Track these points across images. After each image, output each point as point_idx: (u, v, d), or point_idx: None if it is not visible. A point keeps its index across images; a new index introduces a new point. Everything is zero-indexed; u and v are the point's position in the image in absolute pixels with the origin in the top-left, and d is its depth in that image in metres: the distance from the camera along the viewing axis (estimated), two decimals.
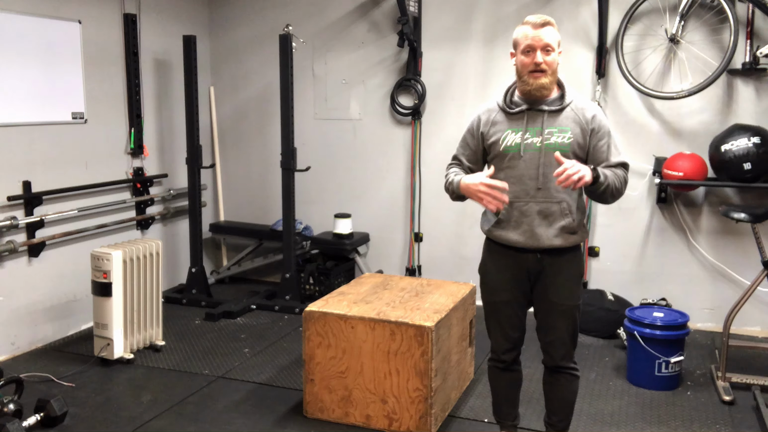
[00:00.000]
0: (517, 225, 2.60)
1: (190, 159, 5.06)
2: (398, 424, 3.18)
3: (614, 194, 2.57)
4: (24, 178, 4.12)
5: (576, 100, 2.60)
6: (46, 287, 4.31)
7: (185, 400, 3.53)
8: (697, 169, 4.32)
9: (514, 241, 2.61)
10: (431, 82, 5.12)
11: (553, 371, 2.78)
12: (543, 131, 2.54)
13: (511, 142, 2.58)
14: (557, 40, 2.53)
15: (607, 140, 2.59)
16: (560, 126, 2.55)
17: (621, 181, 2.57)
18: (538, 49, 2.48)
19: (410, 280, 3.87)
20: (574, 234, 2.60)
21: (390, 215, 5.38)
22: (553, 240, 2.57)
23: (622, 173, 2.59)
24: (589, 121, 2.57)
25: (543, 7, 4.76)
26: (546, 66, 2.49)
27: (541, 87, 2.52)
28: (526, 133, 2.56)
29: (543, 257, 2.61)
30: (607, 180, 2.51)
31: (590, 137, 2.57)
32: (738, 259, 4.52)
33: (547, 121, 2.55)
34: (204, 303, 5.06)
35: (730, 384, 3.64)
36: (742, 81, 4.45)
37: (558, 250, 2.60)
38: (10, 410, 3.09)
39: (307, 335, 3.29)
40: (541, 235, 2.57)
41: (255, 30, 5.58)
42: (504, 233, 2.63)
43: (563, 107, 2.57)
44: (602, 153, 2.57)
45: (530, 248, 2.59)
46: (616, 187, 2.55)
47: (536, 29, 2.49)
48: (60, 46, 4.34)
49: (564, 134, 2.55)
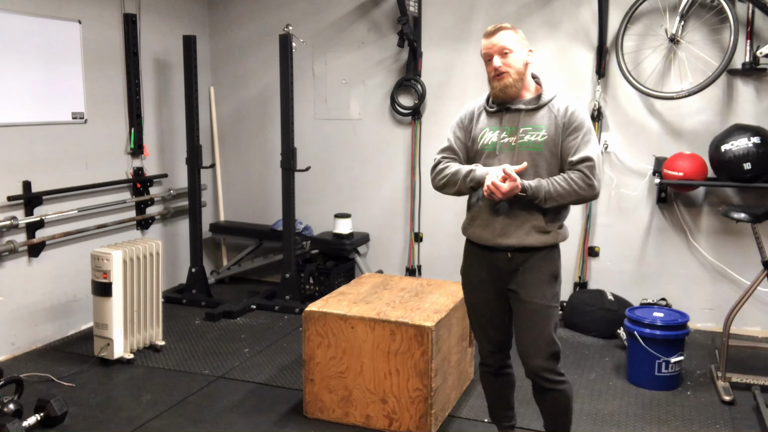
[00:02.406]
0: (488, 223, 2.60)
1: (190, 159, 5.06)
2: (398, 424, 3.18)
3: (560, 198, 2.49)
4: (24, 178, 4.12)
5: (556, 99, 2.57)
6: (46, 287, 4.31)
7: (185, 400, 3.53)
8: (697, 169, 4.32)
9: (485, 239, 2.61)
10: (431, 82, 5.12)
11: (538, 389, 2.65)
12: (518, 130, 2.55)
13: (488, 140, 2.60)
14: (516, 42, 2.53)
15: (579, 135, 2.51)
16: (535, 124, 2.55)
17: (573, 183, 2.48)
18: (495, 54, 2.52)
19: (410, 280, 3.87)
20: (546, 234, 2.56)
21: (390, 215, 5.38)
22: (524, 239, 2.55)
23: (578, 174, 2.47)
24: (563, 115, 2.53)
25: (543, 7, 4.76)
26: (506, 68, 2.51)
27: (504, 87, 2.54)
28: (502, 132, 2.58)
29: (514, 255, 2.58)
30: (541, 193, 2.46)
31: (562, 133, 2.53)
32: (738, 259, 4.52)
33: (522, 120, 2.56)
34: (204, 303, 5.06)
35: (730, 384, 3.64)
36: (742, 81, 4.45)
37: (529, 249, 2.57)
38: (10, 410, 3.09)
39: (307, 335, 3.29)
40: (511, 233, 2.56)
41: (255, 30, 5.58)
42: (477, 231, 2.65)
43: (540, 106, 2.56)
44: (570, 149, 2.51)
45: (501, 247, 2.58)
46: (563, 193, 2.47)
47: (489, 38, 2.55)
48: (60, 46, 4.34)
49: (538, 132, 2.53)
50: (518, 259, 2.58)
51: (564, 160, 2.54)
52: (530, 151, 2.53)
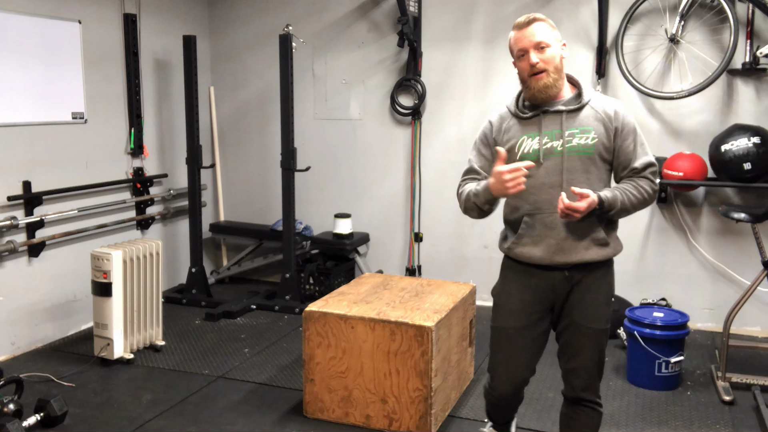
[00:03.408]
0: (540, 239, 2.35)
1: (190, 159, 5.06)
2: (398, 424, 3.18)
3: (632, 209, 2.33)
4: (24, 178, 4.12)
5: (595, 98, 2.39)
6: (46, 287, 4.31)
7: (185, 400, 3.53)
8: (697, 169, 4.32)
9: (538, 257, 2.35)
10: (431, 82, 5.12)
11: (573, 403, 2.52)
12: (563, 133, 2.31)
13: (528, 148, 2.35)
14: (552, 35, 2.34)
15: (633, 139, 2.35)
16: (582, 126, 2.32)
17: (644, 191, 2.33)
18: (531, 49, 2.30)
19: (410, 280, 3.87)
20: (606, 246, 2.36)
21: (390, 215, 5.38)
22: (584, 254, 2.33)
23: (646, 182, 2.33)
24: (613, 118, 2.34)
25: (543, 7, 4.76)
26: (543, 64, 2.30)
27: (545, 88, 2.32)
28: (543, 138, 2.33)
29: (572, 274, 2.36)
30: (617, 204, 2.29)
31: (615, 137, 2.33)
32: (738, 259, 4.52)
33: (566, 122, 2.32)
34: (204, 303, 5.06)
35: (730, 384, 3.64)
36: (742, 81, 4.45)
37: (589, 265, 2.35)
38: (10, 410, 3.09)
39: (307, 335, 3.29)
40: (569, 248, 2.32)
41: (255, 30, 5.58)
42: (527, 250, 2.38)
43: (582, 105, 2.34)
44: (628, 154, 2.34)
45: (557, 265, 2.35)
46: (635, 203, 2.32)
47: (522, 30, 2.33)
48: (60, 46, 4.34)
49: (587, 135, 2.31)
50: (576, 277, 2.37)
51: (620, 166, 2.36)
52: (581, 155, 2.31)
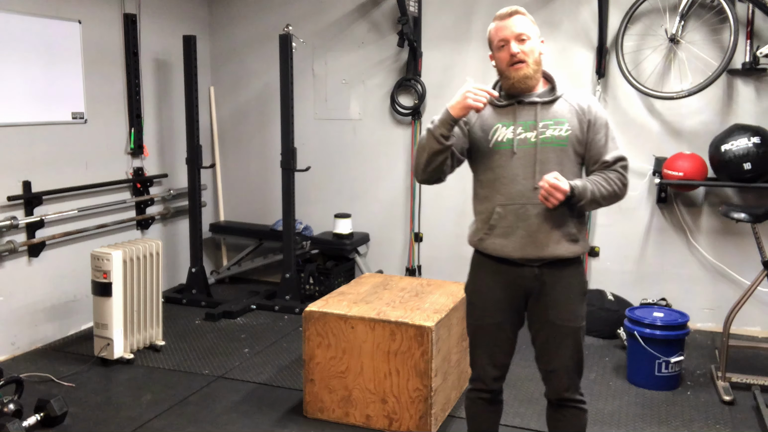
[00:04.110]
0: (512, 232, 2.32)
1: (190, 159, 5.06)
2: (398, 424, 3.18)
3: (603, 201, 2.32)
4: (24, 178, 4.12)
5: (568, 91, 2.40)
6: (46, 287, 4.31)
7: (185, 400, 3.53)
8: (697, 169, 4.32)
9: (509, 251, 2.32)
10: (431, 82, 5.12)
11: (557, 406, 2.48)
12: (537, 124, 2.31)
13: (501, 137, 2.32)
14: (532, 29, 2.33)
15: (605, 133, 2.35)
16: (556, 118, 2.32)
17: (614, 184, 2.32)
18: (512, 39, 2.29)
19: (410, 280, 3.87)
20: (576, 243, 2.34)
21: (390, 215, 5.37)
22: (555, 248, 2.30)
23: (616, 175, 2.33)
24: (586, 111, 2.35)
25: (543, 7, 4.76)
26: (524, 55, 2.29)
27: (525, 78, 2.31)
28: (518, 128, 2.32)
29: (543, 271, 2.34)
30: (587, 194, 2.26)
31: (588, 130, 2.34)
32: (738, 259, 4.52)
33: (540, 113, 2.32)
34: (204, 303, 5.06)
35: (730, 384, 3.64)
36: (742, 81, 4.45)
37: (560, 261, 2.33)
38: (10, 410, 3.09)
39: (307, 335, 3.29)
40: (541, 241, 2.30)
41: (255, 30, 5.58)
42: (498, 242, 2.34)
43: (556, 98, 2.35)
44: (599, 148, 2.34)
45: (529, 259, 2.32)
46: (605, 195, 2.30)
47: (503, 20, 2.33)
48: (60, 46, 4.34)
49: (561, 126, 2.31)
50: (547, 274, 2.34)
51: (591, 159, 2.36)
52: (554, 147, 2.30)
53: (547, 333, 2.40)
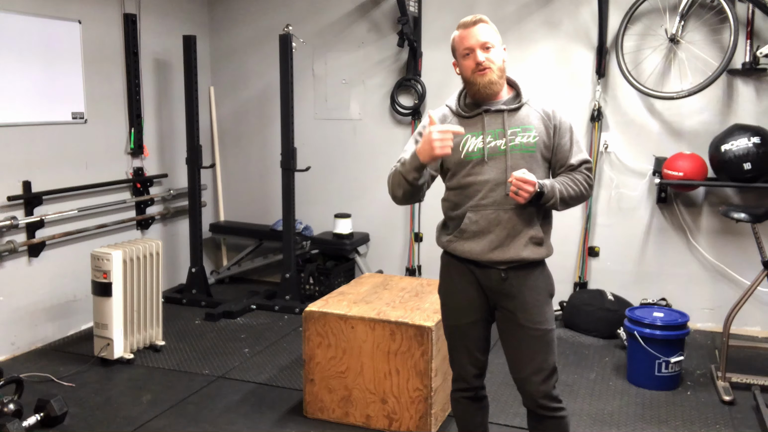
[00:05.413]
0: (482, 235, 2.36)
1: (190, 159, 5.06)
2: (398, 424, 3.18)
3: (571, 201, 2.38)
4: (24, 178, 4.12)
5: (532, 98, 2.43)
6: (46, 287, 4.31)
7: (185, 400, 3.53)
8: (697, 169, 4.32)
9: (476, 253, 2.37)
10: (431, 82, 5.12)
11: (536, 416, 2.44)
12: (506, 132, 2.35)
13: (472, 147, 2.36)
14: (496, 38, 2.38)
15: (570, 137, 2.41)
16: (523, 125, 2.36)
17: (580, 184, 2.39)
18: (477, 48, 2.33)
19: (410, 280, 3.87)
20: (540, 246, 2.39)
21: (390, 215, 5.37)
22: (521, 251, 2.35)
23: (582, 176, 2.40)
24: (551, 116, 2.39)
25: (543, 7, 4.76)
26: (489, 62, 2.33)
27: (490, 83, 2.35)
28: (487, 137, 2.36)
29: (508, 273, 2.37)
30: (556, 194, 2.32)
31: (554, 135, 2.39)
32: (738, 259, 4.52)
33: (507, 120, 2.36)
34: (204, 303, 5.06)
35: (730, 384, 3.64)
36: (742, 81, 4.45)
37: (525, 265, 2.37)
38: (10, 410, 3.09)
39: (307, 335, 3.29)
40: (507, 246, 2.35)
41: (255, 30, 5.58)
42: (467, 245, 2.39)
43: (522, 105, 2.39)
44: (565, 152, 2.40)
45: (495, 262, 2.36)
46: (573, 195, 2.37)
47: (469, 28, 2.37)
48: (60, 46, 4.34)
49: (528, 133, 2.36)
50: (513, 277, 2.38)
51: (557, 163, 2.42)
52: (523, 153, 2.35)
53: (519, 337, 2.41)
